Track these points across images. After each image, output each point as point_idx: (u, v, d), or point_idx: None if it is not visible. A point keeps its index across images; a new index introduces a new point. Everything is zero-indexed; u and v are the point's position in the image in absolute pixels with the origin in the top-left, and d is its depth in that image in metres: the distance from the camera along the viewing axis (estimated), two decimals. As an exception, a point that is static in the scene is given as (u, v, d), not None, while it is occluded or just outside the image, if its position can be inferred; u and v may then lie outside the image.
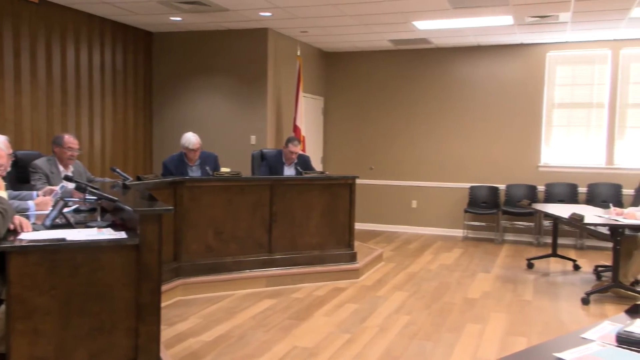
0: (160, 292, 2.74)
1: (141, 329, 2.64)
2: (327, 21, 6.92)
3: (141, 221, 2.64)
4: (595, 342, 1.84)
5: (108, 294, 2.59)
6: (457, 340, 4.03)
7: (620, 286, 5.07)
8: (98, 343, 2.58)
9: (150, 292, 2.67)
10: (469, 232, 8.49)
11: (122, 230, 2.81)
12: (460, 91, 8.57)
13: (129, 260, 2.62)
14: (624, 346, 1.79)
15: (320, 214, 5.75)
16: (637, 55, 7.69)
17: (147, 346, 2.66)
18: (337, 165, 9.13)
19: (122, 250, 2.62)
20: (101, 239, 2.64)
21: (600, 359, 1.69)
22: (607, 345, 1.81)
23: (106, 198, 3.17)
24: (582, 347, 1.78)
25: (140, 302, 2.64)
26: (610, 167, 7.82)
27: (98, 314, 2.57)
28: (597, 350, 1.76)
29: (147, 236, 2.64)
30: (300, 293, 5.21)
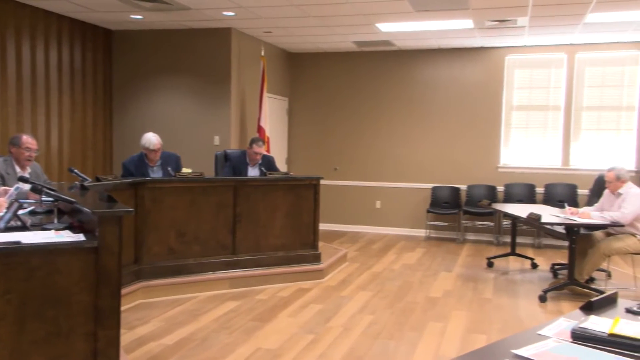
0: (120, 295, 2.68)
1: (100, 334, 2.58)
2: (290, 22, 6.92)
3: (100, 223, 2.58)
4: (551, 338, 1.89)
5: (65, 298, 2.52)
6: (419, 338, 4.08)
7: (575, 284, 5.23)
8: (55, 348, 2.50)
9: (110, 296, 2.61)
10: (431, 232, 8.62)
11: (80, 232, 2.74)
12: (422, 93, 8.69)
13: (87, 264, 2.56)
14: (578, 342, 1.85)
15: (284, 215, 5.74)
16: (591, 60, 7.96)
17: (106, 351, 2.60)
18: (302, 166, 9.13)
19: (80, 253, 2.55)
20: (58, 241, 2.56)
21: (556, 354, 1.74)
22: (562, 341, 1.87)
23: (63, 199, 3.08)
24: (539, 344, 1.83)
25: (99, 306, 2.58)
26: (566, 168, 8.07)
27: (55, 318, 2.50)
28: (553, 347, 1.81)
29: (106, 238, 2.58)
30: (265, 294, 5.19)
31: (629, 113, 7.81)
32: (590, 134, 8.01)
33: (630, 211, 5.10)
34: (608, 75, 7.91)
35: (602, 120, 7.96)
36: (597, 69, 7.95)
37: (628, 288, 5.62)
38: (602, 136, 7.96)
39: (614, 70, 7.88)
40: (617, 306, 2.29)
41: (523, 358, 1.72)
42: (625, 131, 7.84)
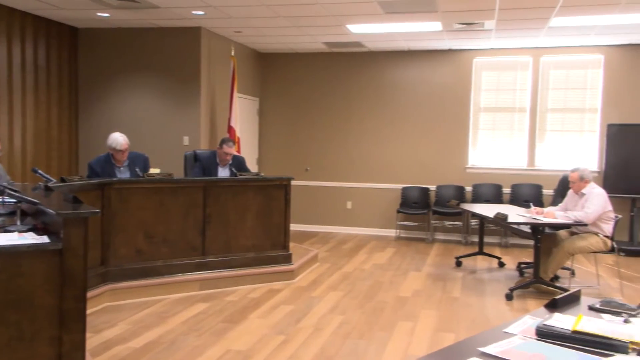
0: (85, 298, 2.63)
1: (65, 338, 2.53)
2: (261, 22, 6.89)
3: (65, 225, 2.53)
4: (517, 335, 1.93)
5: (29, 302, 2.46)
6: (389, 338, 4.12)
7: (540, 282, 5.35)
8: (18, 353, 2.44)
9: (75, 299, 2.55)
10: (401, 231, 8.70)
11: (45, 234, 2.68)
12: (392, 94, 8.77)
13: (51, 266, 2.50)
14: (543, 339, 1.89)
15: (255, 216, 5.71)
16: (555, 63, 8.15)
17: (71, 355, 2.55)
18: (273, 166, 9.11)
19: (44, 255, 2.50)
20: (21, 243, 2.50)
21: (521, 351, 1.77)
22: (527, 338, 1.91)
23: (27, 201, 3.00)
24: (505, 341, 1.87)
25: (63, 309, 2.52)
26: (532, 168, 8.25)
27: (18, 322, 2.44)
28: (518, 344, 1.85)
29: (71, 240, 2.53)
30: (235, 296, 5.15)
31: (591, 115, 8.03)
32: (554, 135, 8.21)
33: (593, 211, 5.25)
34: (572, 78, 8.12)
35: (566, 121, 8.16)
36: (561, 72, 8.15)
37: (591, 286, 5.77)
38: (566, 137, 8.17)
39: (577, 73, 8.09)
40: (581, 304, 2.35)
41: (489, 356, 1.75)
42: (589, 133, 8.06)
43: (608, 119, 7.77)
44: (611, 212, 5.41)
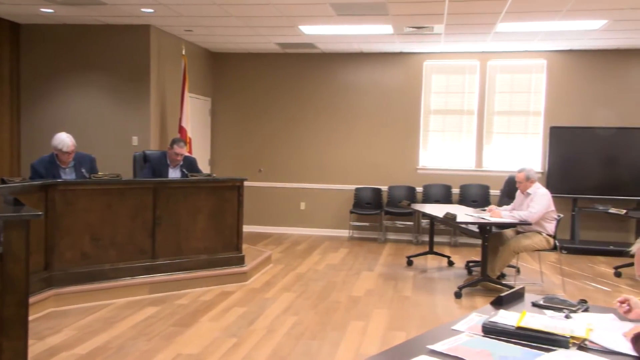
0: (27, 304, 2.53)
1: (5, 345, 2.42)
2: (212, 21, 6.81)
3: (5, 228, 2.42)
4: (464, 333, 1.98)
5: (-36, 310, 2.34)
6: (341, 337, 4.14)
7: (488, 280, 5.50)
8: (-48, 365, 2.32)
9: (16, 305, 2.45)
10: (354, 232, 8.77)
11: (-18, 238, 2.55)
12: (345, 96, 8.83)
13: (-10, 272, 2.39)
14: (489, 335, 1.95)
15: (207, 217, 5.63)
16: (502, 67, 8.41)
17: (12, 364, 2.44)
18: (226, 167, 9.01)
19: (-18, 261, 2.38)
20: (-44, 249, 2.38)
21: (468, 348, 1.82)
22: (474, 335, 1.96)
23: (-37, 204, 2.85)
24: (453, 338, 1.91)
25: (3, 315, 2.42)
26: (479, 169, 8.48)
27: (-48, 332, 2.32)
28: (465, 341, 1.89)
29: (12, 244, 2.43)
30: (186, 299, 5.06)
31: (535, 118, 8.33)
32: (501, 137, 8.47)
33: (537, 210, 5.45)
34: (517, 82, 8.41)
35: (512, 124, 8.45)
36: (506, 76, 8.42)
37: (535, 283, 5.99)
38: (511, 139, 8.44)
39: (522, 77, 8.38)
40: (525, 300, 2.43)
41: (437, 353, 1.79)
42: (532, 135, 8.36)
43: (551, 122, 8.09)
44: (554, 212, 5.63)
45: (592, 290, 5.71)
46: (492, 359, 1.73)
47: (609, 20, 6.25)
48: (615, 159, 7.75)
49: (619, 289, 5.78)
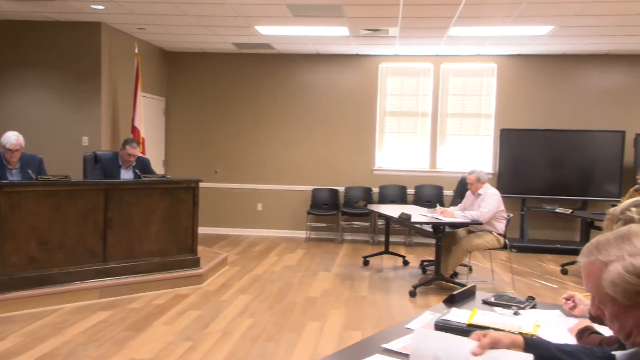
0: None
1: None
2: (166, 19, 6.69)
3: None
4: (417, 330, 2.01)
5: None
6: (298, 338, 4.14)
7: (441, 278, 5.61)
8: None
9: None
10: (311, 233, 8.79)
11: None
12: (302, 97, 8.84)
13: None
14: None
15: (161, 219, 5.53)
16: (454, 70, 8.60)
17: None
18: (181, 168, 8.86)
19: None
20: None
21: (421, 345, 1.85)
22: (427, 333, 1.99)
23: None
24: (406, 337, 1.94)
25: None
26: (433, 170, 8.65)
27: None
28: (418, 338, 1.92)
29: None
30: (139, 303, 4.95)
31: (486, 120, 8.56)
32: (454, 139, 8.66)
33: (488, 210, 5.60)
34: (469, 85, 8.62)
35: (464, 126, 8.65)
36: (459, 79, 8.62)
37: (486, 281, 6.15)
38: (464, 141, 8.65)
39: (473, 80, 8.59)
40: (476, 298, 2.50)
41: (391, 351, 1.82)
42: (484, 137, 8.58)
43: (501, 124, 8.32)
44: (504, 212, 5.80)
45: (540, 288, 5.91)
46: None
47: (556, 26, 6.49)
48: (561, 161, 8.05)
49: (565, 286, 6.00)
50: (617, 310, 1.18)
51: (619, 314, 1.17)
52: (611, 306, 1.18)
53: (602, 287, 1.18)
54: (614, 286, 1.15)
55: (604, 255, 1.17)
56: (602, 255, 1.18)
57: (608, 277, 1.16)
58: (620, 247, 1.16)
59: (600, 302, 1.21)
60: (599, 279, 1.18)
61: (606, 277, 1.16)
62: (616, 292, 1.15)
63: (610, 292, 1.16)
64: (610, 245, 1.18)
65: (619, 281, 1.14)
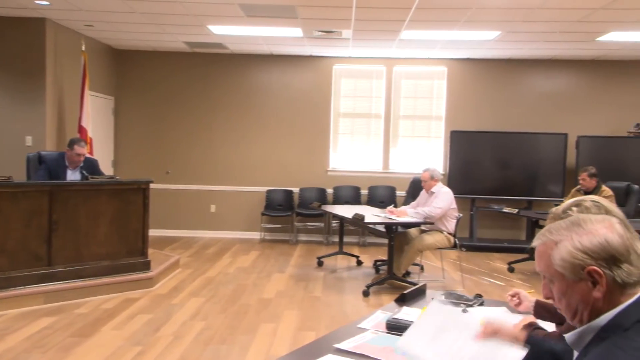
0: None
1: None
2: (114, 16, 6.51)
3: None
4: (369, 330, 2.04)
5: None
6: (251, 340, 4.11)
7: (394, 278, 5.70)
8: None
9: None
10: (266, 234, 8.75)
11: None
12: (256, 98, 8.79)
13: None
14: (392, 332, 2.02)
15: (109, 222, 5.38)
16: (406, 73, 8.75)
17: None
18: (131, 169, 8.65)
19: None
20: None
21: (372, 345, 1.88)
22: (378, 332, 2.02)
23: None
24: (358, 336, 1.96)
25: None
26: (386, 171, 8.77)
27: None
28: (370, 338, 1.95)
29: None
30: (86, 307, 4.80)
31: (437, 122, 8.74)
32: (406, 140, 8.81)
33: (441, 207, 5.73)
34: (420, 88, 8.78)
35: (416, 128, 8.81)
36: (411, 82, 8.77)
37: (437, 280, 6.28)
38: (416, 143, 8.80)
39: (425, 83, 8.76)
40: (426, 297, 2.55)
41: (343, 351, 1.83)
42: (435, 138, 8.76)
43: (451, 126, 8.52)
44: (455, 211, 5.94)
45: (488, 285, 6.08)
46: (394, 354, 1.79)
47: (502, 31, 6.70)
48: (508, 162, 8.32)
49: (512, 283, 6.20)
50: (564, 287, 1.27)
51: (566, 290, 1.27)
52: (559, 282, 1.28)
53: (552, 264, 1.28)
54: (562, 262, 1.25)
55: (555, 236, 1.29)
56: (553, 235, 1.29)
57: (557, 254, 1.26)
58: (570, 229, 1.28)
59: (550, 280, 1.31)
60: (550, 257, 1.28)
61: (556, 254, 1.27)
62: (564, 268, 1.25)
63: (559, 268, 1.26)
64: (561, 228, 1.29)
65: (567, 257, 1.24)
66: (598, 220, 1.29)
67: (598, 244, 1.23)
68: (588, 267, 1.22)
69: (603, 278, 1.22)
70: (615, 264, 1.22)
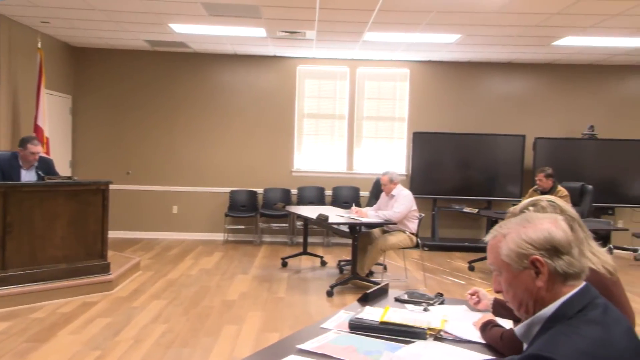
0: None
1: None
2: (72, 13, 6.34)
3: None
4: (332, 330, 2.05)
5: None
6: (214, 343, 4.07)
7: (358, 278, 5.73)
8: None
9: None
10: (229, 235, 8.67)
11: None
12: (220, 98, 8.70)
13: None
14: (355, 332, 2.03)
15: (67, 224, 5.23)
16: (370, 74, 8.82)
17: None
18: (90, 169, 8.44)
19: None
20: None
21: (335, 345, 1.88)
22: (341, 332, 2.03)
23: None
24: (321, 337, 1.97)
25: None
26: (350, 172, 8.82)
27: None
28: (333, 338, 1.96)
29: None
30: (42, 312, 4.66)
31: (400, 123, 8.84)
32: (369, 141, 8.88)
33: (401, 210, 5.79)
34: (383, 89, 8.87)
35: (379, 129, 8.89)
36: (374, 83, 8.84)
37: (399, 279, 6.35)
38: (379, 143, 8.88)
39: (388, 84, 8.85)
40: (389, 296, 2.57)
41: (306, 352, 1.83)
42: (398, 139, 8.86)
43: (414, 127, 8.63)
44: (416, 212, 6.02)
45: (449, 284, 6.19)
46: (357, 354, 1.80)
47: (463, 35, 6.83)
48: (469, 163, 8.48)
49: (472, 282, 6.32)
50: (510, 277, 1.37)
51: (512, 281, 1.36)
52: (506, 273, 1.37)
53: (500, 255, 1.37)
54: (509, 251, 1.35)
55: (504, 229, 1.39)
56: (503, 229, 1.40)
57: (505, 246, 1.36)
58: (518, 223, 1.38)
59: (499, 272, 1.40)
60: (498, 249, 1.38)
61: (503, 246, 1.36)
62: (510, 258, 1.35)
63: (505, 258, 1.36)
64: (511, 223, 1.40)
65: (513, 247, 1.34)
66: (545, 217, 1.39)
67: (542, 236, 1.32)
68: (531, 256, 1.31)
69: (545, 267, 1.31)
70: (557, 255, 1.31)
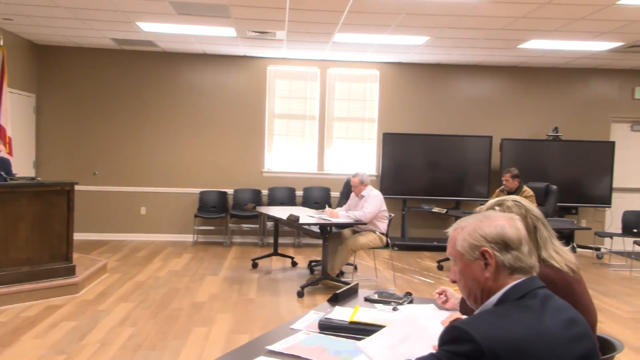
0: None
1: None
2: (35, 10, 6.19)
3: None
4: (302, 331, 2.05)
5: None
6: (183, 345, 4.02)
7: (328, 278, 5.74)
8: None
9: None
10: (199, 236, 8.58)
11: None
12: (189, 98, 8.61)
13: None
14: (324, 332, 2.04)
15: (30, 226, 5.10)
16: (340, 75, 8.85)
17: None
18: (55, 170, 8.24)
19: None
20: None
21: (305, 346, 1.88)
22: (311, 332, 2.03)
23: None
24: (291, 337, 1.97)
25: None
26: (321, 172, 8.83)
27: None
28: (303, 339, 1.96)
29: None
30: (5, 316, 4.53)
31: (370, 124, 8.90)
32: (340, 142, 8.91)
33: (370, 211, 5.83)
34: (353, 90, 8.91)
35: (350, 130, 8.93)
36: (344, 84, 8.88)
37: (370, 279, 6.39)
38: (350, 144, 8.92)
39: (358, 86, 8.90)
40: (358, 296, 2.59)
41: (276, 353, 1.83)
42: (368, 140, 8.92)
43: (383, 128, 8.70)
44: (386, 212, 6.07)
45: (419, 283, 6.26)
46: (326, 354, 1.81)
47: (431, 37, 6.92)
48: (437, 164, 8.59)
49: (441, 281, 6.41)
50: (462, 266, 1.47)
51: (464, 270, 1.47)
52: (460, 262, 1.48)
53: (456, 246, 1.48)
54: (463, 242, 1.46)
55: (464, 223, 1.51)
56: (462, 223, 1.51)
57: (461, 237, 1.47)
58: (477, 218, 1.49)
59: (454, 261, 1.50)
60: (455, 240, 1.49)
61: (459, 237, 1.48)
62: (464, 248, 1.46)
63: (460, 248, 1.47)
64: (470, 218, 1.51)
65: (467, 238, 1.45)
66: (502, 215, 1.51)
67: (494, 231, 1.43)
68: (482, 247, 1.42)
69: (493, 259, 1.42)
70: (506, 250, 1.42)
